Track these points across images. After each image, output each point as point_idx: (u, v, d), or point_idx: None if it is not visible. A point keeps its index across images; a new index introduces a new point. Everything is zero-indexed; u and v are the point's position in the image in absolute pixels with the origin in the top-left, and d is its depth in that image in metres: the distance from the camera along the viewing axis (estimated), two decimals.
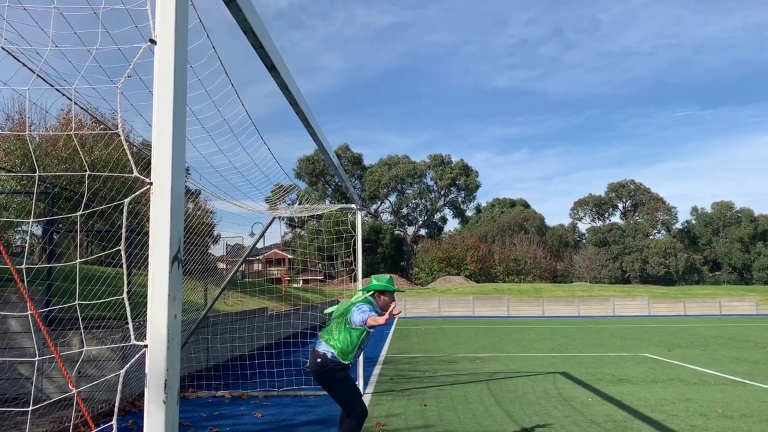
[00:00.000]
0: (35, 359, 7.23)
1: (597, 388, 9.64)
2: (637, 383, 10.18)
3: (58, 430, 6.35)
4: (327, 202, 67.96)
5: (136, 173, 2.16)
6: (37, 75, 3.05)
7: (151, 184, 1.97)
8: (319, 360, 5.05)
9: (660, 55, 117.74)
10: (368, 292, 5.30)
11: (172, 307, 1.96)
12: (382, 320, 4.88)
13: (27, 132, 17.50)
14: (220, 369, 12.04)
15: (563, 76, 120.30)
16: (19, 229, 19.13)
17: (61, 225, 9.80)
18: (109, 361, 8.36)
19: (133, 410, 7.89)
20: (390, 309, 4.87)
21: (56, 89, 3.55)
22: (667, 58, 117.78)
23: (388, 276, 5.41)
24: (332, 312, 5.29)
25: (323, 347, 5.09)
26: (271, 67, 3.56)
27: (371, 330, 5.01)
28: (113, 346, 8.24)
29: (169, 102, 2.00)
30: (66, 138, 18.04)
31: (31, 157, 17.50)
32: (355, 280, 11.12)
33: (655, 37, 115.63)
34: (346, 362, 5.05)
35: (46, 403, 6.88)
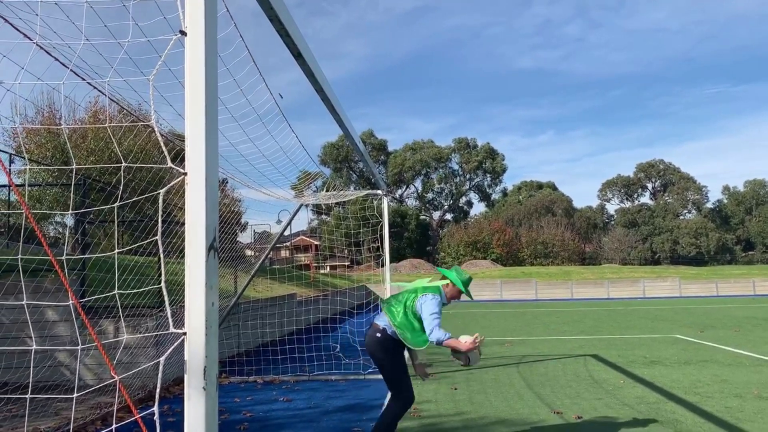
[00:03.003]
0: (78, 347, 7.43)
1: (628, 370, 9.56)
2: (670, 365, 10.07)
3: (98, 416, 6.52)
4: (352, 188, 68.07)
5: (170, 164, 2.19)
6: (71, 70, 3.10)
7: (185, 174, 2.00)
8: (378, 335, 4.83)
9: (688, 32, 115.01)
10: (444, 278, 5.05)
11: (209, 296, 1.99)
12: (460, 345, 4.71)
13: (63, 126, 17.80)
14: (252, 354, 12.21)
15: (589, 56, 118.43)
16: (52, 220, 19.60)
17: (92, 216, 9.99)
18: (143, 348, 8.54)
19: (168, 396, 8.06)
20: (474, 340, 4.71)
21: (88, 83, 3.61)
22: (696, 34, 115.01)
23: (468, 276, 5.10)
24: (400, 285, 5.14)
25: (384, 321, 4.88)
26: (298, 55, 3.57)
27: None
28: (149, 334, 8.42)
29: (201, 93, 2.01)
30: (95, 130, 18.32)
31: (64, 149, 17.82)
32: (381, 266, 11.15)
33: (683, 13, 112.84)
34: (407, 345, 4.86)
35: (90, 390, 7.07)
